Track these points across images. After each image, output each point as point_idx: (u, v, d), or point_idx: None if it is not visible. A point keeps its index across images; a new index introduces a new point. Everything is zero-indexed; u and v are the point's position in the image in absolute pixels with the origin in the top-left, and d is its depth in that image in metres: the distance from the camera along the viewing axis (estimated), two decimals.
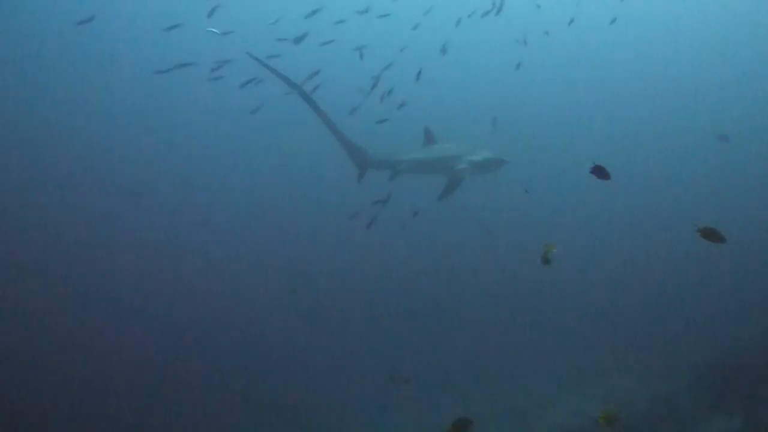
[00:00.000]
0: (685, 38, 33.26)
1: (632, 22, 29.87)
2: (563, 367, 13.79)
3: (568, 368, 13.70)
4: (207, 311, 18.47)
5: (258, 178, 29.15)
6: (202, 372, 15.68)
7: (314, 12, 13.74)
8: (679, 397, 11.05)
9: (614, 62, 32.49)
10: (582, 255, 18.06)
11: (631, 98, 30.86)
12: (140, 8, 29.42)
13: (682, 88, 30.95)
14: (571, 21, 18.84)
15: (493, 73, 30.31)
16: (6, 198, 21.72)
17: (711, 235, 5.13)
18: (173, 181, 27.32)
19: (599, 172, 5.52)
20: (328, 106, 12.15)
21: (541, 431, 11.97)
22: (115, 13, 27.64)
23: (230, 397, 14.77)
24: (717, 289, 14.17)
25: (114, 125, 28.48)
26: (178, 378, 15.06)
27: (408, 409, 13.79)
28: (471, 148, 12.43)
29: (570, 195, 23.45)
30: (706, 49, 32.77)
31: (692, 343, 12.71)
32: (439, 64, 17.19)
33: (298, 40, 12.79)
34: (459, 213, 21.63)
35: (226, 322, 18.03)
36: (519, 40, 17.42)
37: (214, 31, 12.44)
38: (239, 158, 29.75)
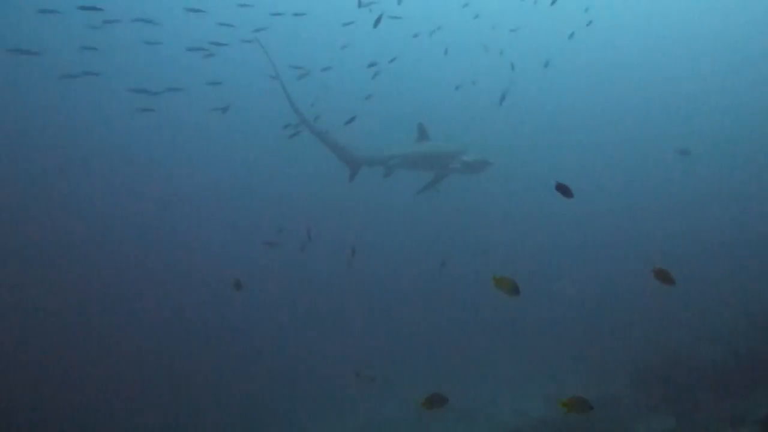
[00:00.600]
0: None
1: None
2: (511, 366, 13.96)
3: (516, 367, 13.88)
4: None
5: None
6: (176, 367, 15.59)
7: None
8: (620, 397, 11.31)
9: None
10: (533, 257, 18.33)
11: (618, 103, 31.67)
12: None
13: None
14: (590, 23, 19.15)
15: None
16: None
17: (662, 276, 5.45)
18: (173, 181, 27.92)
19: (563, 190, 5.56)
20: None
21: (486, 430, 12.10)
22: None
23: (200, 393, 14.71)
24: (661, 293, 14.48)
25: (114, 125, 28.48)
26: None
27: (362, 405, 13.89)
28: (462, 148, 12.60)
29: (533, 198, 23.80)
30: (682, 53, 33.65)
31: (637, 345, 12.99)
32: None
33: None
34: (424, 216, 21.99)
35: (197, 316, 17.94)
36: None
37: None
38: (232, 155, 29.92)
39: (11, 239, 19.86)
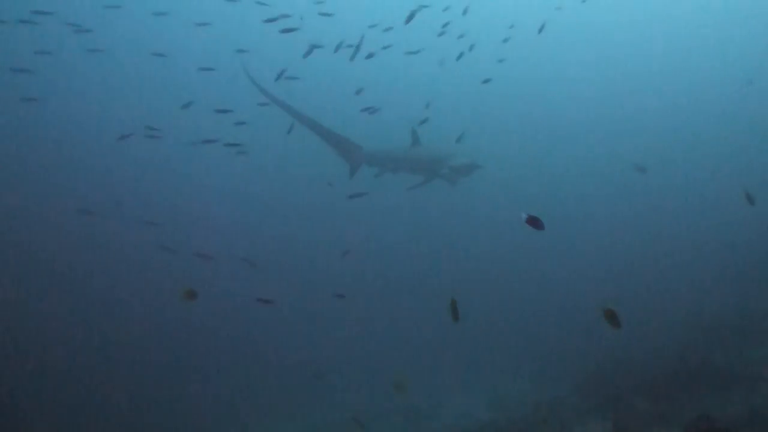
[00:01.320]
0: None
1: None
2: (457, 369, 14.04)
3: (461, 371, 13.96)
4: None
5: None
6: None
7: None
8: (562, 400, 11.47)
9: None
10: (481, 259, 18.49)
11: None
12: None
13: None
14: None
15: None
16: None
17: (611, 318, 5.41)
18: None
19: (532, 222, 5.54)
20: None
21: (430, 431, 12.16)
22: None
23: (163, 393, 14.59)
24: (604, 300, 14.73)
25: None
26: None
27: (307, 407, 13.83)
28: (452, 153, 12.69)
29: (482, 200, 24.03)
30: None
31: (581, 350, 13.18)
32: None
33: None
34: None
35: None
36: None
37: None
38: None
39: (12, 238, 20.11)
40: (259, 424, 13.69)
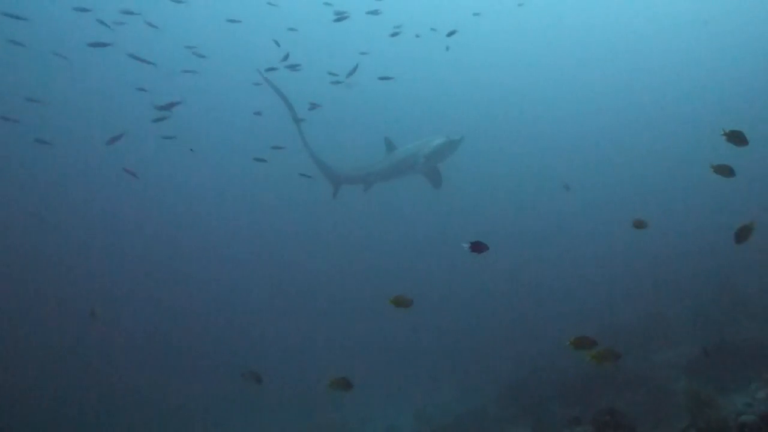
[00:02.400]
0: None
1: None
2: (383, 382, 14.15)
3: (388, 383, 14.08)
4: None
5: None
6: None
7: None
8: (486, 409, 11.82)
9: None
10: (409, 274, 18.76)
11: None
12: None
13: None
14: None
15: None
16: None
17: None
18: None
19: (476, 247, 5.65)
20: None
21: None
22: None
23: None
24: (526, 310, 15.33)
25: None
26: None
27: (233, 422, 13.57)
28: (424, 143, 12.58)
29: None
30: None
31: (506, 360, 13.64)
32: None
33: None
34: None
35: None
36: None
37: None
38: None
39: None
40: None
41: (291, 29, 15.45)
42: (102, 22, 11.72)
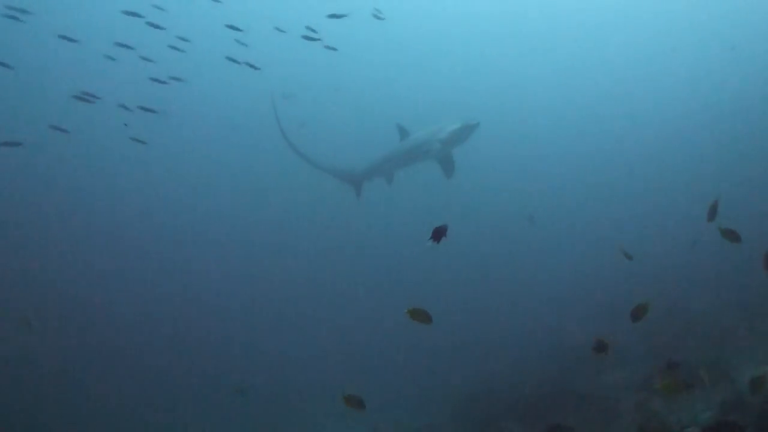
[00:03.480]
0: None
1: None
2: (336, 399, 13.95)
3: (341, 401, 13.88)
4: None
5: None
6: None
7: None
8: (441, 428, 11.82)
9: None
10: (360, 292, 18.77)
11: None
12: None
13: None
14: None
15: None
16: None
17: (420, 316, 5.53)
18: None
19: (437, 234, 5.32)
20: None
21: None
22: None
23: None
24: (482, 328, 15.44)
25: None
26: None
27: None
28: (439, 128, 12.36)
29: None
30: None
31: (460, 377, 13.66)
32: None
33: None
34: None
35: None
36: None
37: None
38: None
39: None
40: None
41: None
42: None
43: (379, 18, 13.99)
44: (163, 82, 11.49)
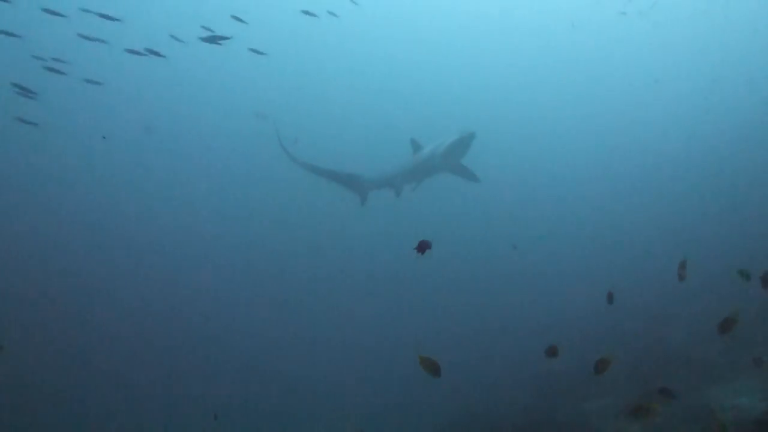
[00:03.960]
0: None
1: None
2: (320, 421, 13.94)
3: (324, 422, 13.86)
4: None
5: None
6: None
7: None
8: None
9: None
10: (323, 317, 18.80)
11: None
12: None
13: None
14: None
15: None
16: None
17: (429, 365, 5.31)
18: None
19: (421, 246, 5.38)
20: None
21: None
22: None
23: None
24: (464, 352, 15.47)
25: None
26: None
27: None
28: (440, 143, 12.66)
29: None
30: None
31: (440, 401, 13.65)
32: None
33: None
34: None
35: None
36: None
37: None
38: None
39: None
40: None
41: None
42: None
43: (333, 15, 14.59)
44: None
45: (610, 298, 7.17)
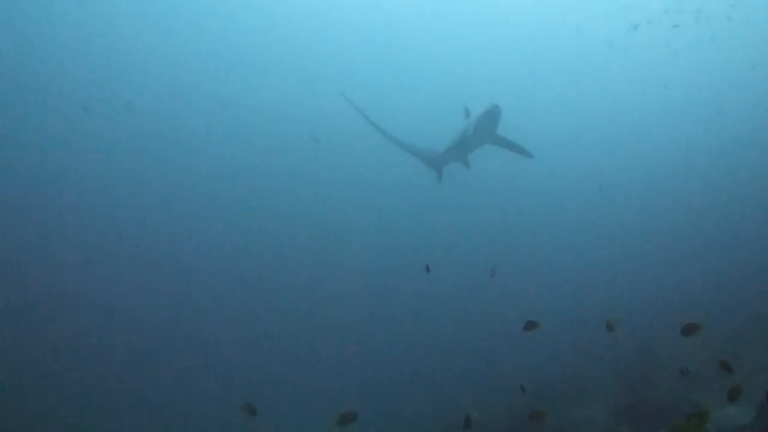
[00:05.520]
0: None
1: None
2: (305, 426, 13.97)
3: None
4: None
5: None
6: None
7: None
8: None
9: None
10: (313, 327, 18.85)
11: None
12: None
13: None
14: None
15: None
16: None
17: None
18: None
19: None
20: None
21: None
22: None
23: None
24: (449, 363, 15.60)
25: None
26: None
27: None
28: (475, 115, 12.80)
29: None
30: None
31: (429, 413, 13.74)
32: None
33: None
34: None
35: None
36: None
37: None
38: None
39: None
40: None
41: None
42: None
43: None
44: None
45: (610, 326, 7.37)
